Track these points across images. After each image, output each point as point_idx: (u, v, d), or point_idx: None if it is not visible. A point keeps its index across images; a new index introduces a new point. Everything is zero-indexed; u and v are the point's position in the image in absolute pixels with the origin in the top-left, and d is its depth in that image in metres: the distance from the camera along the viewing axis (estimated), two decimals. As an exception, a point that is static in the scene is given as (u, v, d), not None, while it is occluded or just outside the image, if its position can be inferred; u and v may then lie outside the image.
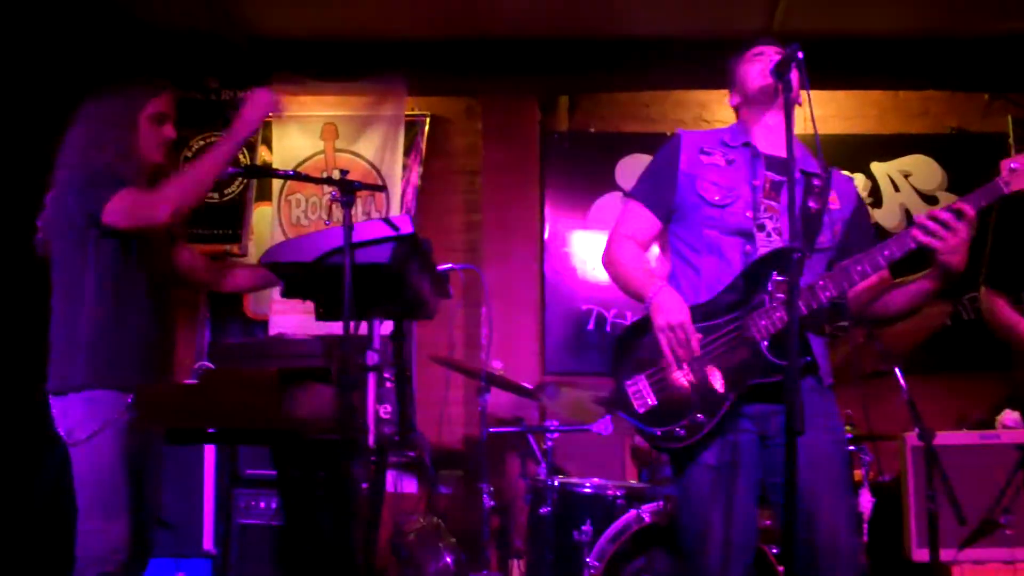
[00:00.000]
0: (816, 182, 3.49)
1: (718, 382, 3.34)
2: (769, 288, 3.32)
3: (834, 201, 3.52)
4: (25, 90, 5.78)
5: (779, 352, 3.27)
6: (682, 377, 3.37)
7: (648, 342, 3.40)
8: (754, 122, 3.56)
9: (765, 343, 3.31)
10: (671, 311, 3.33)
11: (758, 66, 3.48)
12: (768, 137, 3.52)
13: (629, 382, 3.45)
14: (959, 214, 3.17)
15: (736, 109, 3.66)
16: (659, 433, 3.39)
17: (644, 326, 3.44)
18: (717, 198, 3.46)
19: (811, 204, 3.45)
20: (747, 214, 3.43)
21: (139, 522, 3.80)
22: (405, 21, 6.74)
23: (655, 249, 3.78)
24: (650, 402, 3.41)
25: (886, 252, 3.26)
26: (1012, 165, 3.18)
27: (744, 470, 3.37)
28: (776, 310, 3.29)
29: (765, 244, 3.41)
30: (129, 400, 3.72)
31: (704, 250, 3.48)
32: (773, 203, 3.45)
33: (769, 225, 3.44)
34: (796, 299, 3.02)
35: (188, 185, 3.82)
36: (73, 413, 3.71)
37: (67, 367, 3.75)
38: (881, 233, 6.84)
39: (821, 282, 3.31)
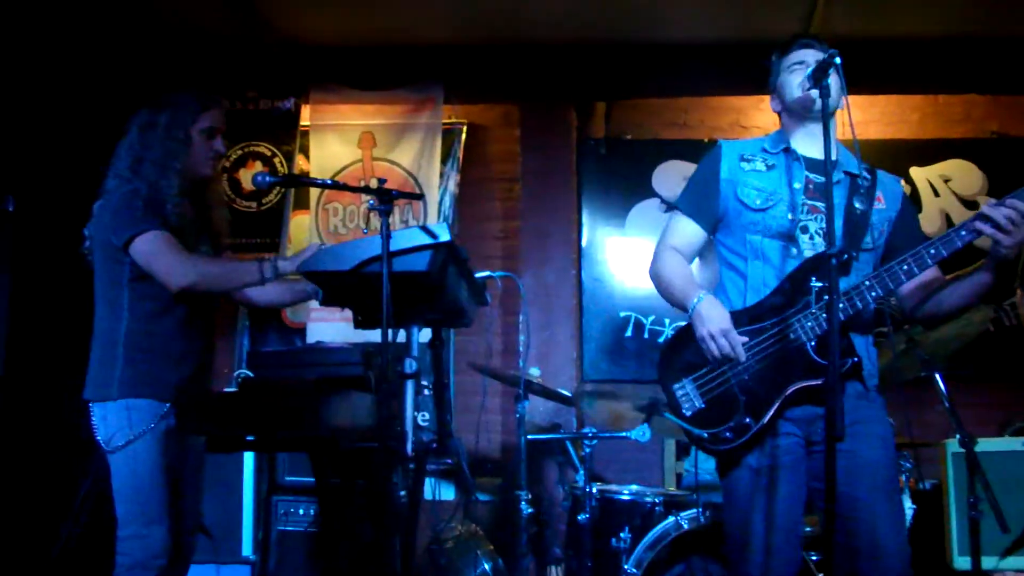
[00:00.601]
0: (862, 183, 3.48)
1: (764, 385, 3.35)
2: (814, 290, 3.32)
3: (880, 201, 3.52)
4: (67, 100, 5.84)
5: (825, 353, 3.24)
6: (727, 381, 3.39)
7: (695, 346, 3.43)
8: (795, 129, 3.57)
9: (812, 344, 3.33)
10: (712, 320, 3.36)
11: (799, 77, 3.46)
12: (809, 142, 3.52)
13: (677, 385, 3.50)
14: None
15: (778, 114, 3.66)
16: (707, 435, 3.43)
17: (691, 330, 3.47)
18: (758, 202, 3.48)
19: (857, 205, 3.45)
20: (788, 217, 3.45)
21: (179, 528, 3.83)
22: (442, 28, 6.75)
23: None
24: (697, 405, 3.45)
25: (932, 251, 3.26)
26: None
27: (785, 473, 3.39)
28: (822, 311, 3.29)
29: (809, 246, 3.43)
30: (167, 407, 3.75)
31: (749, 255, 3.51)
32: (817, 203, 3.45)
33: (813, 227, 3.45)
34: (836, 305, 3.02)
35: (213, 277, 3.88)
36: (112, 421, 3.75)
37: (104, 377, 3.80)
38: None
39: (867, 282, 3.31)
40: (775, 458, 3.38)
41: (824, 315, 3.28)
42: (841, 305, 3.24)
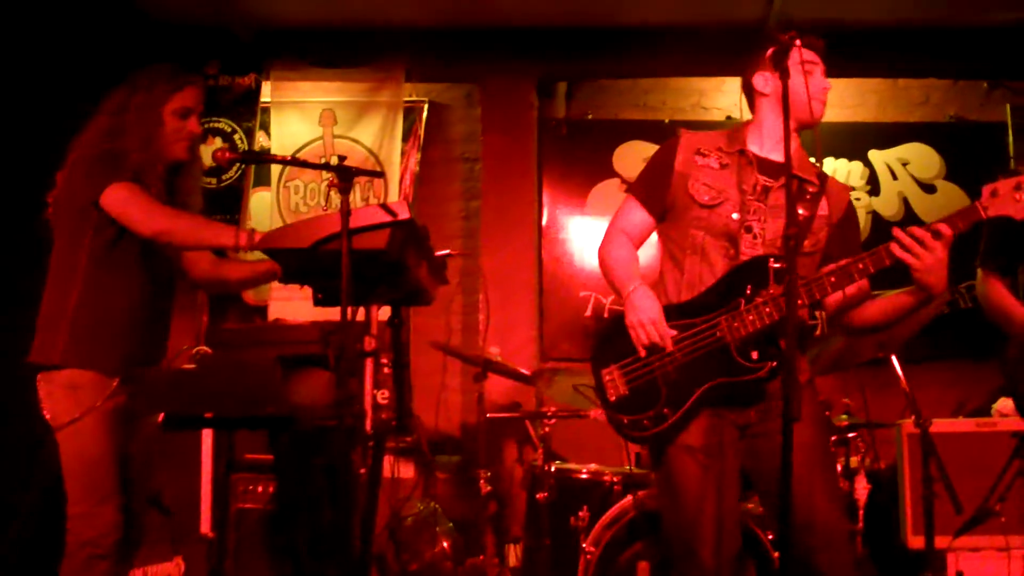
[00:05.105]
0: (810, 189, 3.53)
1: (685, 379, 3.43)
2: (747, 292, 3.39)
3: (823, 208, 3.55)
4: (28, 81, 5.76)
5: (746, 355, 3.37)
6: (652, 371, 3.45)
7: (628, 334, 3.49)
8: (767, 121, 3.56)
9: (735, 345, 3.38)
10: (643, 309, 3.43)
11: (813, 81, 3.44)
12: (772, 140, 3.53)
13: (605, 371, 3.55)
14: (936, 234, 3.20)
15: (757, 94, 3.62)
16: (626, 421, 3.50)
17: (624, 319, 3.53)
18: (706, 199, 3.52)
19: (800, 211, 3.48)
20: (733, 216, 3.48)
21: (130, 504, 3.81)
22: (405, 8, 6.73)
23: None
24: (621, 391, 3.51)
25: (860, 266, 3.30)
26: (993, 189, 3.21)
27: (725, 451, 3.47)
28: (749, 313, 3.36)
29: (750, 246, 3.47)
30: (114, 384, 3.72)
31: (689, 250, 3.55)
32: (761, 204, 3.49)
33: (756, 227, 3.49)
34: (794, 285, 3.05)
35: (188, 229, 3.79)
36: (58, 397, 3.71)
37: (49, 340, 3.75)
38: (878, 221, 6.89)
39: None
40: (714, 437, 3.46)
41: (750, 317, 3.35)
42: (767, 310, 3.32)
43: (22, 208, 4.16)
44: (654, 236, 3.71)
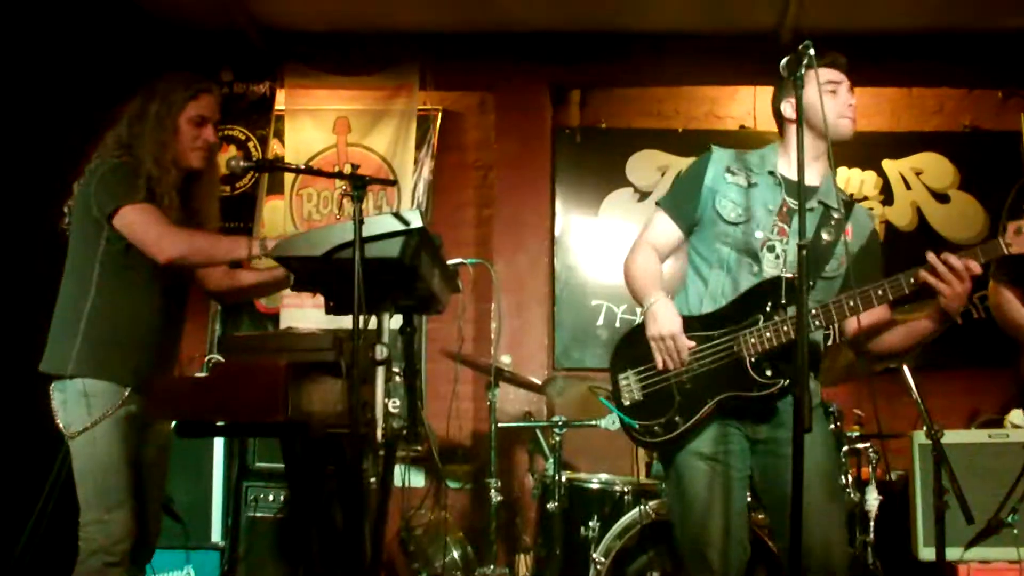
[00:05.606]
0: (835, 215, 3.59)
1: (700, 389, 3.49)
2: (766, 309, 3.45)
3: (847, 234, 3.61)
4: (37, 88, 5.77)
5: (761, 371, 3.43)
6: (667, 379, 3.53)
7: (647, 342, 3.55)
8: (793, 145, 3.57)
9: (750, 360, 3.45)
10: (663, 322, 3.49)
11: (835, 102, 3.54)
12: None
13: (622, 375, 3.65)
14: (968, 268, 3.27)
15: (788, 121, 3.65)
16: (637, 426, 3.59)
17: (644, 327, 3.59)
18: (733, 216, 3.59)
19: (824, 235, 3.55)
20: (757, 235, 3.55)
21: (143, 510, 3.81)
22: (418, 14, 6.74)
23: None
24: (636, 397, 3.60)
25: (879, 292, 3.37)
26: (1018, 227, 3.27)
27: (734, 460, 3.54)
28: (767, 330, 3.42)
29: (772, 266, 3.54)
30: (127, 392, 3.73)
31: (715, 264, 3.62)
32: (785, 226, 3.55)
33: (779, 247, 3.56)
34: (804, 295, 3.06)
35: (203, 250, 3.78)
36: (71, 406, 3.71)
37: (61, 349, 3.76)
38: (892, 231, 6.87)
39: (813, 311, 3.41)
40: (724, 445, 3.54)
41: (767, 334, 3.41)
42: (785, 329, 3.38)
43: (31, 214, 4.16)
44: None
